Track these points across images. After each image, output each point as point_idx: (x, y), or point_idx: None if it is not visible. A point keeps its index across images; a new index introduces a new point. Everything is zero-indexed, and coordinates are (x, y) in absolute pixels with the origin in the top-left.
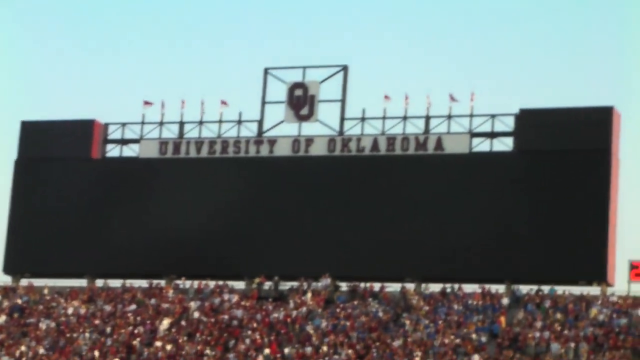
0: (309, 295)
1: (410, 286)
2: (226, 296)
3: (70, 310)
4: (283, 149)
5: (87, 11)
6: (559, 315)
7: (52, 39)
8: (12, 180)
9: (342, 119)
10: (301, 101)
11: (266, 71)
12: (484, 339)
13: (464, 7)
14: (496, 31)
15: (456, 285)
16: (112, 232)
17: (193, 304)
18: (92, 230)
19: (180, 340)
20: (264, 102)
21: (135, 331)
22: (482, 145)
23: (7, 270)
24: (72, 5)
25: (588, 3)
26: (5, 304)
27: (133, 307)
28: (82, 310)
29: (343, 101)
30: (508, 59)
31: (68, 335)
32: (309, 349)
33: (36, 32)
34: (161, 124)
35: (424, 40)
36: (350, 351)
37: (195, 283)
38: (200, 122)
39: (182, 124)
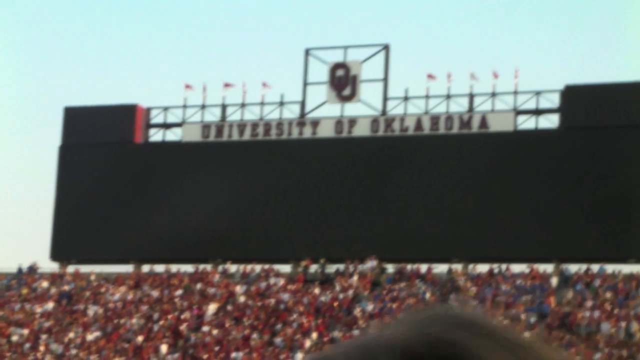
0: (355, 277)
1: (457, 267)
2: (272, 280)
3: (117, 296)
4: (326, 131)
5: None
6: (608, 295)
7: (94, 24)
8: (56, 167)
9: (385, 99)
10: (343, 81)
11: (307, 52)
12: (533, 319)
13: None
14: (538, 7)
15: (504, 266)
16: (157, 217)
17: (239, 288)
18: (137, 215)
19: (227, 325)
20: (305, 84)
21: (182, 316)
22: (527, 123)
23: (54, 257)
24: None
25: None
26: (53, 290)
27: (179, 292)
28: (129, 296)
29: (385, 81)
30: (552, 35)
31: (115, 321)
32: (356, 332)
33: (78, 17)
34: (203, 107)
35: (465, 18)
36: None
37: (241, 267)
38: (242, 105)
39: (224, 107)
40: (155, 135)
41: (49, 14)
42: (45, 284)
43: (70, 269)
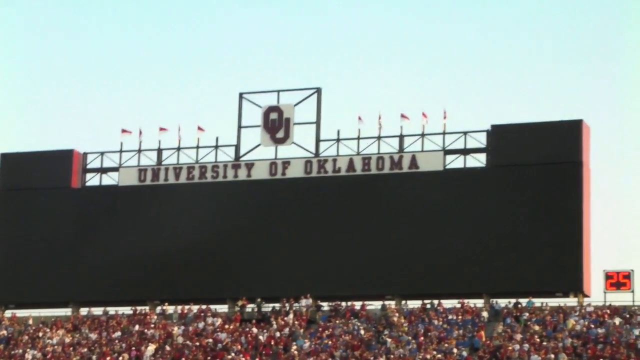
0: (291, 316)
1: (391, 303)
2: (209, 320)
3: (55, 340)
4: (260, 172)
5: (64, 42)
6: (537, 327)
7: (29, 70)
8: None
9: (318, 141)
10: (277, 124)
11: (241, 96)
12: (465, 353)
13: (433, 27)
14: (465, 50)
15: (435, 301)
16: (95, 260)
17: (177, 329)
18: (75, 258)
19: None
20: (240, 127)
21: (121, 358)
22: (455, 162)
23: None
24: (50, 36)
25: (554, 20)
26: None
27: (118, 334)
28: (68, 339)
29: (318, 123)
30: (478, 77)
31: None
32: None
33: (13, 63)
34: (139, 151)
35: (396, 60)
36: None
37: (179, 308)
38: (178, 149)
39: (160, 150)
40: (92, 180)
41: None
42: None
43: (8, 313)
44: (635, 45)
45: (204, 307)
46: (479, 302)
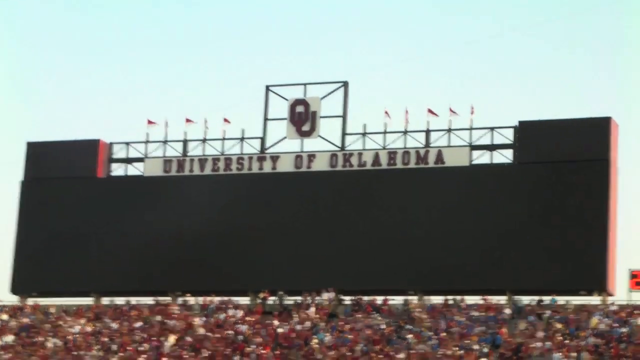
0: (313, 309)
1: (413, 299)
2: (231, 312)
3: (77, 329)
4: (286, 165)
5: (91, 32)
6: (560, 326)
7: (56, 59)
8: (18, 201)
9: (344, 135)
10: (303, 117)
11: (267, 88)
12: (486, 349)
13: (462, 21)
14: (494, 45)
15: (458, 297)
16: (118, 250)
17: (198, 320)
18: (98, 248)
19: (185, 356)
20: (266, 119)
21: (141, 348)
22: (482, 158)
23: (14, 290)
24: (76, 25)
25: (585, 15)
26: (13, 323)
27: (139, 324)
28: (89, 329)
29: (344, 117)
30: (506, 72)
31: (75, 353)
32: None
33: (40, 53)
34: (165, 142)
35: (423, 55)
36: None
37: (200, 299)
38: (204, 140)
39: (185, 142)
40: (117, 170)
41: (8, 50)
42: (4, 316)
43: (30, 301)
44: None
45: (225, 298)
46: (502, 299)
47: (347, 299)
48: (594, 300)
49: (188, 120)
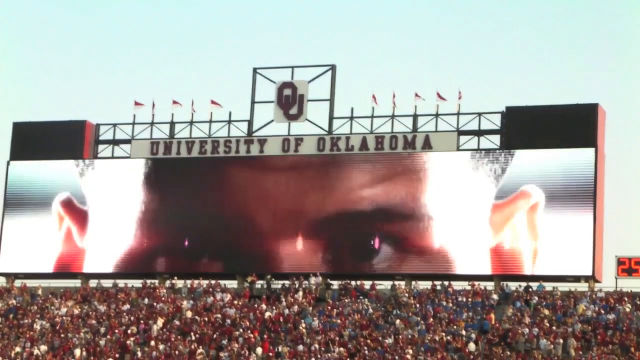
0: (301, 293)
1: (401, 284)
2: (218, 295)
3: (64, 311)
4: (273, 148)
5: (78, 13)
6: (547, 312)
7: (43, 40)
8: (4, 182)
9: (331, 118)
10: (290, 100)
11: (255, 71)
12: (473, 335)
13: (451, 6)
14: (482, 30)
15: (446, 282)
16: (105, 231)
17: (186, 304)
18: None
19: (173, 340)
20: (253, 102)
21: (129, 331)
22: (469, 143)
23: (1, 271)
24: (64, 6)
25: (572, 3)
26: (0, 305)
27: (127, 307)
28: (76, 311)
29: (332, 100)
30: (494, 58)
31: (62, 335)
32: (300, 347)
33: (27, 34)
34: (152, 124)
35: (411, 39)
36: (342, 349)
37: (188, 282)
38: (191, 123)
39: (172, 124)
40: (104, 152)
41: None
42: None
43: (18, 283)
44: None
45: (213, 282)
46: (489, 285)
47: (335, 284)
48: (582, 287)
49: (175, 102)
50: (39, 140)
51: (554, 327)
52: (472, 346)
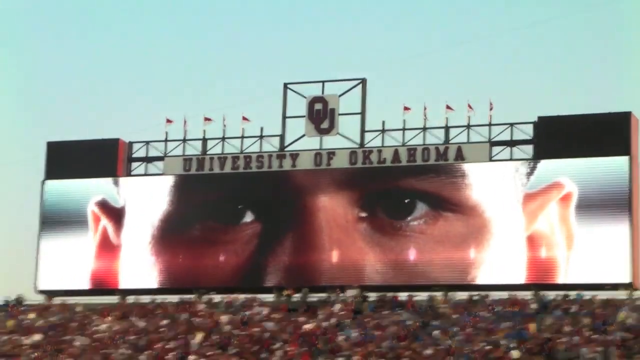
0: (337, 306)
1: (437, 294)
2: (256, 309)
3: (104, 327)
4: (305, 163)
5: (110, 31)
6: (586, 320)
7: (75, 60)
8: (40, 201)
9: (363, 132)
10: (321, 115)
11: (286, 86)
12: (513, 345)
13: (479, 17)
14: (513, 39)
15: (483, 293)
16: (139, 248)
17: (224, 318)
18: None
19: (212, 353)
20: (284, 117)
21: (168, 346)
22: (502, 154)
23: (40, 289)
24: (95, 26)
25: (605, 9)
26: (40, 322)
27: (165, 322)
28: (116, 327)
29: (363, 114)
30: (525, 68)
31: (102, 351)
32: (340, 359)
33: (59, 53)
34: (184, 141)
35: (441, 50)
36: None
37: (225, 297)
38: (223, 139)
39: (205, 140)
40: (137, 169)
41: (29, 48)
42: (32, 315)
43: (57, 300)
44: None
45: (250, 296)
46: (527, 295)
47: (372, 296)
48: (621, 294)
49: (207, 119)
50: (72, 159)
51: (594, 336)
52: (515, 353)
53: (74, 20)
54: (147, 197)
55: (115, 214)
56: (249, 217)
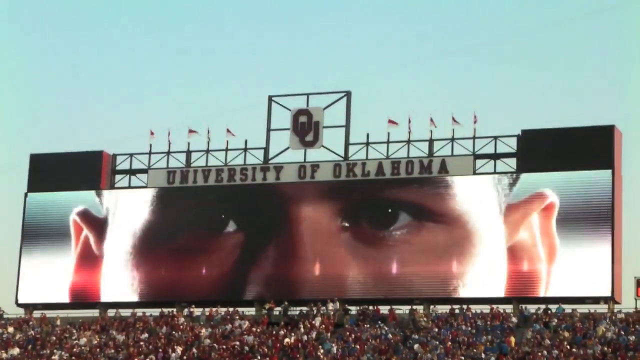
0: (319, 319)
1: (419, 308)
2: (237, 322)
3: (83, 341)
4: (289, 175)
5: (93, 43)
6: (567, 334)
7: (59, 71)
8: (22, 213)
9: (347, 144)
10: (306, 127)
11: (270, 99)
12: (493, 358)
13: (464, 30)
14: (496, 52)
15: (464, 306)
16: (119, 261)
17: (204, 331)
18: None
19: None
20: (269, 130)
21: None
22: (485, 167)
23: (20, 303)
24: (79, 39)
25: (588, 22)
26: (19, 336)
27: (145, 335)
28: (95, 341)
29: (347, 127)
30: (509, 81)
31: None
32: None
33: (42, 64)
34: (168, 153)
35: (425, 63)
36: None
37: (206, 310)
38: (207, 151)
39: (189, 153)
40: (121, 181)
41: (11, 62)
42: (10, 329)
43: (37, 314)
44: None
45: (231, 309)
46: (508, 308)
47: (353, 309)
48: (601, 308)
49: (191, 131)
50: (56, 171)
51: (574, 349)
52: None
53: (58, 33)
54: (130, 209)
55: (98, 224)
56: (232, 229)
